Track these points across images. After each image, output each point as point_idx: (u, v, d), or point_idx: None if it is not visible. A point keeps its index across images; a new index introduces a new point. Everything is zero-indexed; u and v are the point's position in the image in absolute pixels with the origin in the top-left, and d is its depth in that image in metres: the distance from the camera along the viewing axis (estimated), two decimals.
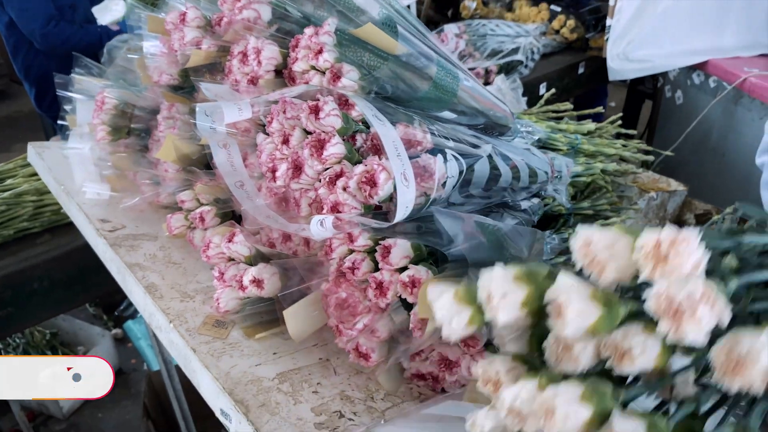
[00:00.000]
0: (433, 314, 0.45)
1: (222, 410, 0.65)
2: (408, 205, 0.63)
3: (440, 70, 0.78)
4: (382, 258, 0.65)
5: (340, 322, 0.70)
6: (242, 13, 0.84)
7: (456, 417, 0.65)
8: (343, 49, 0.76)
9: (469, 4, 3.19)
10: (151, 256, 0.89)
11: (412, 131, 0.72)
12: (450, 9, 3.41)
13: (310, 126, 0.68)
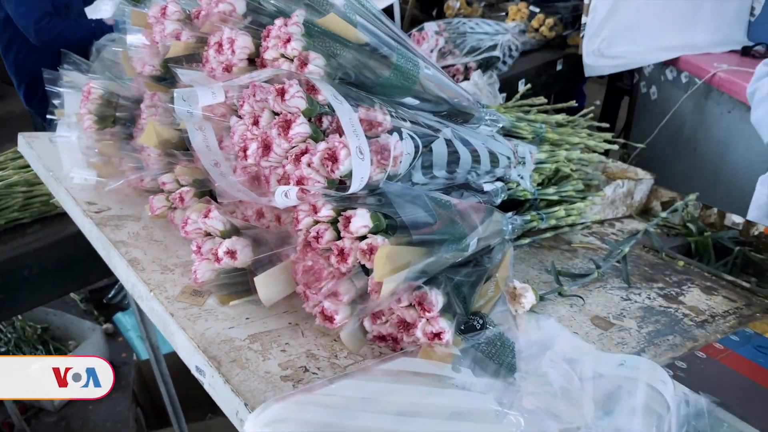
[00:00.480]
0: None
1: (197, 367, 0.71)
2: (363, 176, 0.69)
3: (401, 58, 0.84)
4: (344, 227, 0.72)
5: (306, 287, 0.77)
6: (218, 7, 0.90)
7: (410, 372, 0.71)
8: (311, 39, 0.82)
9: (453, 3, 3.27)
10: (134, 234, 0.95)
11: (372, 113, 0.78)
12: (434, 9, 3.48)
13: (277, 107, 0.74)
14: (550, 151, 1.33)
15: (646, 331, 1.00)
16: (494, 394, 0.71)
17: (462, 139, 0.97)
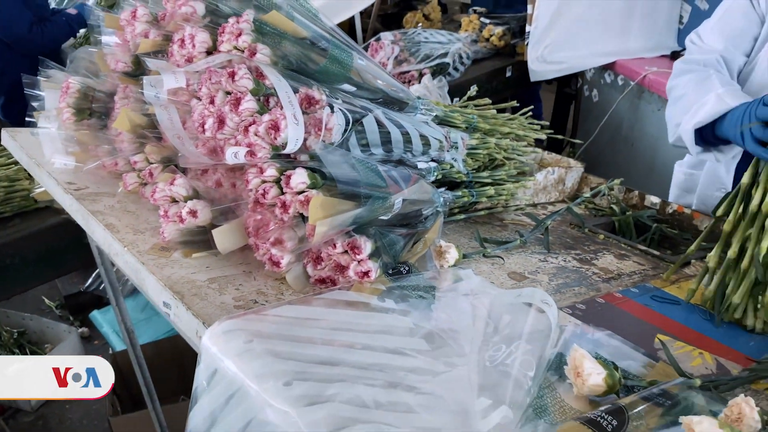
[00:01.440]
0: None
1: (164, 302, 0.86)
2: (299, 139, 0.85)
3: (335, 49, 1.01)
4: (286, 184, 0.87)
5: (257, 238, 0.92)
6: (181, 9, 1.05)
7: (343, 300, 0.86)
8: (259, 34, 0.98)
9: (412, 18, 3.47)
10: (109, 206, 1.09)
11: (311, 92, 0.94)
12: (395, 23, 3.68)
13: (229, 88, 0.90)
14: (481, 139, 1.50)
15: (556, 283, 1.16)
16: (412, 317, 0.86)
17: (394, 121, 1.13)
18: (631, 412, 0.70)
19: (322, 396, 0.66)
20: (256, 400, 0.68)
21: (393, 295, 0.92)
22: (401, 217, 1.06)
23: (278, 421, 0.64)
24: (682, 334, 1.04)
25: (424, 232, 1.10)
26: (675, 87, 1.40)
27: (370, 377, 0.72)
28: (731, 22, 1.34)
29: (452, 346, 0.82)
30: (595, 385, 0.75)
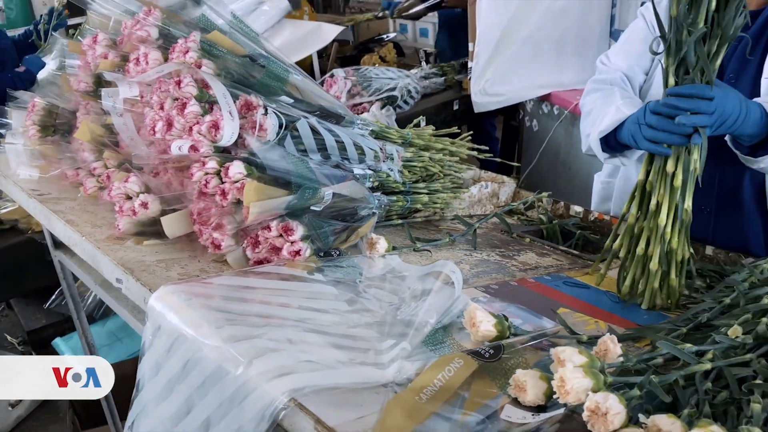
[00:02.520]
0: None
1: (117, 278, 0.97)
2: (234, 132, 0.99)
3: (272, 65, 1.16)
4: (225, 174, 1.01)
5: (201, 225, 1.05)
6: (137, 33, 1.20)
7: (276, 273, 0.99)
8: (204, 51, 1.13)
9: (369, 60, 3.70)
10: (70, 207, 1.21)
11: (250, 99, 1.09)
12: (353, 65, 3.90)
13: (176, 94, 1.04)
14: (416, 153, 1.66)
15: (476, 270, 1.30)
16: (338, 288, 0.99)
17: (329, 129, 1.28)
18: (510, 348, 0.84)
19: (249, 336, 0.79)
20: (193, 343, 0.79)
21: (322, 271, 1.05)
22: (336, 212, 1.20)
23: (211, 356, 0.76)
24: (584, 309, 1.17)
25: (359, 227, 1.24)
26: (585, 104, 1.58)
27: (293, 326, 0.85)
28: (633, 44, 1.52)
29: (369, 308, 0.95)
30: (486, 331, 0.88)
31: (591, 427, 0.68)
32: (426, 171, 1.69)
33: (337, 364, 0.75)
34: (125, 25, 1.25)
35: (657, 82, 1.49)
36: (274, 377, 0.70)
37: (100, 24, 1.31)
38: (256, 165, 1.03)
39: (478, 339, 0.89)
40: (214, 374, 0.74)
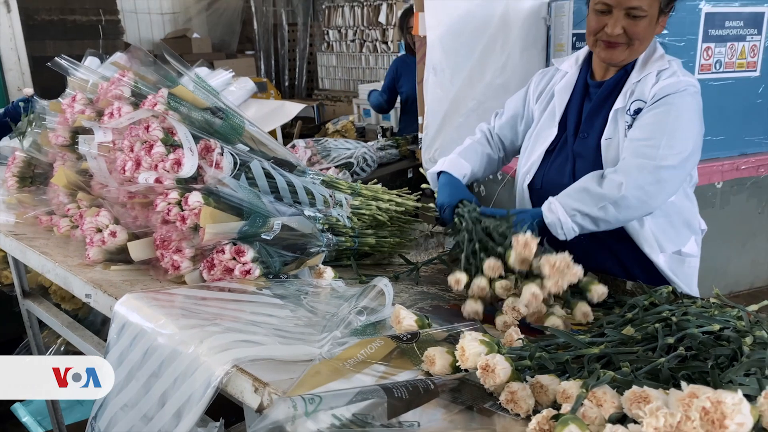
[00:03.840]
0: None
1: (86, 294, 1.10)
2: (193, 165, 1.16)
3: (229, 116, 1.35)
4: (185, 203, 1.17)
5: (163, 249, 1.19)
6: (112, 91, 1.39)
7: (228, 287, 1.13)
8: (170, 105, 1.32)
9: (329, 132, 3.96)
10: (44, 244, 1.34)
11: (209, 143, 1.27)
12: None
13: (144, 137, 1.21)
14: (364, 202, 1.84)
15: (414, 298, 1.45)
16: (284, 301, 1.14)
17: (280, 173, 1.46)
18: (427, 336, 0.98)
19: (201, 325, 0.92)
20: (152, 334, 0.92)
21: (270, 288, 1.19)
22: (287, 245, 1.35)
23: (167, 342, 0.89)
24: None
25: (307, 259, 1.40)
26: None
27: (241, 322, 0.98)
28: (512, 102, 1.81)
29: (309, 315, 1.10)
30: (408, 326, 1.03)
31: (483, 382, 0.82)
32: (375, 220, 1.86)
33: (275, 342, 0.88)
34: (102, 86, 1.43)
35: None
36: (219, 351, 0.83)
37: (79, 87, 1.49)
38: (213, 195, 1.19)
39: (402, 332, 1.04)
40: (170, 357, 0.87)
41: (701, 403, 0.56)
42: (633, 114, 1.46)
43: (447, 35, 2.94)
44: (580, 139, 1.55)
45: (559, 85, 1.63)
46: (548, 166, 1.61)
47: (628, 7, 1.37)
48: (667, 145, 1.37)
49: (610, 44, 1.43)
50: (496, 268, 1.36)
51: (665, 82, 1.42)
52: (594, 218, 1.37)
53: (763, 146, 2.88)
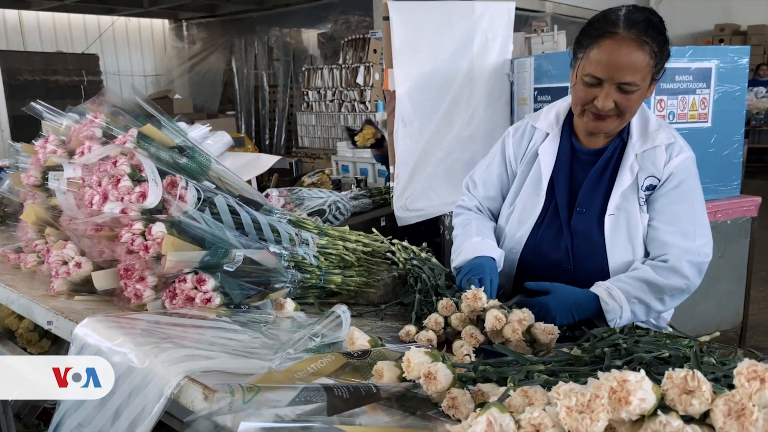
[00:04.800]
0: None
1: (48, 321, 1.12)
2: (157, 196, 1.21)
3: (195, 153, 1.42)
4: (148, 233, 1.21)
5: (126, 278, 1.22)
6: (84, 132, 1.45)
7: (187, 314, 1.16)
8: (138, 144, 1.38)
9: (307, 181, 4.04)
10: (11, 278, 1.37)
11: (175, 178, 1.32)
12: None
13: (112, 172, 1.27)
14: (331, 241, 1.89)
15: (377, 331, 1.49)
16: (243, 327, 1.17)
17: (246, 209, 1.51)
18: (378, 354, 1.02)
19: (158, 344, 0.95)
20: (108, 354, 0.95)
21: (231, 317, 1.22)
22: (250, 279, 1.39)
23: (121, 360, 0.92)
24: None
25: (270, 293, 1.44)
26: (455, 225, 1.81)
27: (199, 344, 1.01)
28: (492, 176, 1.72)
29: (268, 341, 1.13)
30: (361, 345, 1.07)
31: (426, 389, 0.86)
32: (343, 260, 1.90)
33: (228, 357, 0.91)
34: (74, 128, 1.49)
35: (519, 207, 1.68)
36: (172, 364, 0.86)
37: (53, 129, 1.56)
38: (176, 226, 1.24)
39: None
40: (125, 373, 0.89)
41: (609, 383, 0.61)
42: (647, 190, 1.44)
43: (415, 90, 3.08)
44: (578, 214, 1.49)
45: (542, 147, 1.56)
46: (538, 238, 1.55)
47: (620, 82, 1.31)
48: (701, 234, 1.44)
49: (599, 116, 1.37)
50: (449, 307, 1.41)
51: (678, 160, 1.43)
52: (649, 308, 1.39)
53: (718, 193, 3.01)
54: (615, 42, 1.29)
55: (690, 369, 0.62)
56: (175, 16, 9.99)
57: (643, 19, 1.32)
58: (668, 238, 1.42)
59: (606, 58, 1.30)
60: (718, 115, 2.93)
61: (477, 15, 3.16)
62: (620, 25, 1.30)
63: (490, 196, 1.73)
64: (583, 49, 1.36)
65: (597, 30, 1.33)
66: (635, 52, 1.29)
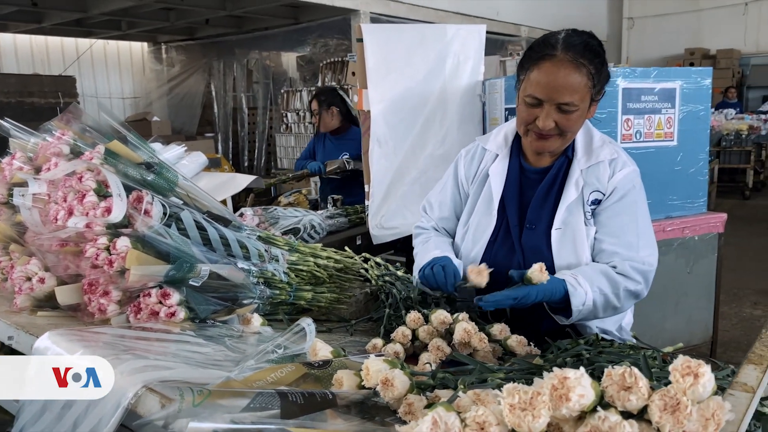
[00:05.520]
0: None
1: (8, 336, 1.12)
2: (122, 210, 1.22)
3: (162, 170, 1.43)
4: (113, 248, 1.21)
5: (90, 293, 1.22)
6: (51, 149, 1.45)
7: (150, 327, 1.16)
8: (106, 159, 1.39)
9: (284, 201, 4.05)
10: None
11: (141, 194, 1.33)
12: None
13: (77, 188, 1.27)
14: (302, 258, 1.90)
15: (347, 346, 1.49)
16: (207, 341, 1.17)
17: (214, 226, 1.52)
18: (340, 365, 1.03)
19: (117, 356, 0.95)
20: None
21: (196, 331, 1.23)
22: (218, 294, 1.40)
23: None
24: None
25: (238, 308, 1.44)
26: (414, 246, 1.83)
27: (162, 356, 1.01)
28: (447, 198, 1.76)
29: (231, 354, 1.13)
30: (324, 356, 1.08)
31: (383, 396, 0.87)
32: (314, 276, 1.91)
33: (188, 368, 0.92)
34: (41, 145, 1.50)
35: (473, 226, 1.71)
36: (131, 375, 0.87)
37: (20, 147, 1.56)
38: (141, 240, 1.24)
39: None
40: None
41: (551, 381, 0.63)
42: (592, 204, 1.49)
43: (390, 110, 3.13)
44: (528, 230, 1.54)
45: (492, 168, 1.60)
46: (492, 256, 1.57)
47: (559, 102, 1.36)
48: (645, 245, 1.47)
49: (542, 136, 1.42)
50: (417, 320, 1.43)
51: (621, 174, 1.48)
52: (608, 300, 1.41)
53: (685, 209, 3.08)
54: (553, 64, 1.35)
55: (628, 366, 0.64)
56: (154, 39, 10.02)
57: (581, 42, 1.37)
58: (613, 249, 1.46)
59: (545, 80, 1.35)
60: (684, 134, 3.01)
61: (449, 37, 3.23)
62: (558, 47, 1.35)
63: (445, 217, 1.76)
64: (524, 71, 1.42)
65: (537, 53, 1.39)
66: (572, 73, 1.34)
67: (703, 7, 12.21)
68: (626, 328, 1.69)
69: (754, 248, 6.29)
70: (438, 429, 0.62)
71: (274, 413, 0.76)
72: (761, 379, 0.90)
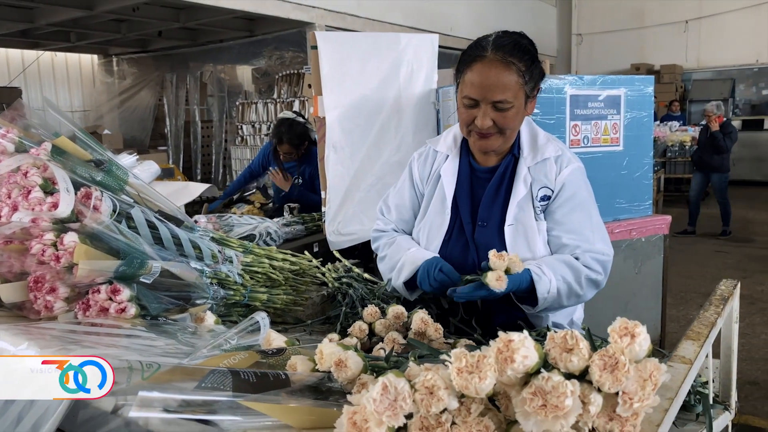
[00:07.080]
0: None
1: None
2: (69, 204, 1.19)
3: (111, 168, 1.40)
4: (60, 243, 1.19)
5: (36, 290, 1.19)
6: None
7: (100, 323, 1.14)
8: (53, 156, 1.36)
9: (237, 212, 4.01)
10: None
11: (89, 190, 1.31)
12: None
13: (22, 183, 1.24)
14: (256, 259, 1.89)
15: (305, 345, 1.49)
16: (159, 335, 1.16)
17: (166, 225, 1.50)
18: (294, 352, 1.03)
19: (64, 346, 0.93)
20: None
21: (147, 327, 1.21)
22: (170, 293, 1.38)
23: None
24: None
25: (191, 308, 1.42)
26: (377, 249, 1.83)
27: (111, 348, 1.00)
28: (404, 201, 1.77)
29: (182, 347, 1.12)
30: (278, 346, 1.08)
31: (337, 377, 0.88)
32: (270, 279, 1.90)
33: (138, 356, 0.91)
34: None
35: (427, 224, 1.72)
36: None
37: None
38: (90, 236, 1.22)
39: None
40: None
41: (496, 345, 0.65)
42: (541, 200, 1.53)
43: (345, 117, 3.15)
44: (480, 227, 1.57)
45: (443, 168, 1.64)
46: (447, 253, 1.60)
47: (493, 101, 1.41)
48: (599, 238, 1.53)
49: (482, 135, 1.46)
50: (374, 314, 1.45)
51: (568, 171, 1.52)
52: (570, 289, 1.45)
53: (632, 212, 3.19)
54: (484, 65, 1.41)
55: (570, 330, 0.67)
56: (104, 51, 9.81)
57: (510, 42, 1.43)
58: (575, 243, 1.52)
59: (477, 80, 1.41)
60: (629, 140, 3.13)
61: (402, 46, 3.28)
62: (489, 48, 1.42)
63: (404, 219, 1.78)
64: (460, 74, 1.47)
65: (470, 56, 1.45)
66: (502, 72, 1.40)
67: (647, 24, 12.73)
68: (578, 323, 1.74)
69: (700, 254, 6.55)
70: (388, 394, 0.63)
71: (227, 394, 0.75)
72: (698, 352, 0.95)
